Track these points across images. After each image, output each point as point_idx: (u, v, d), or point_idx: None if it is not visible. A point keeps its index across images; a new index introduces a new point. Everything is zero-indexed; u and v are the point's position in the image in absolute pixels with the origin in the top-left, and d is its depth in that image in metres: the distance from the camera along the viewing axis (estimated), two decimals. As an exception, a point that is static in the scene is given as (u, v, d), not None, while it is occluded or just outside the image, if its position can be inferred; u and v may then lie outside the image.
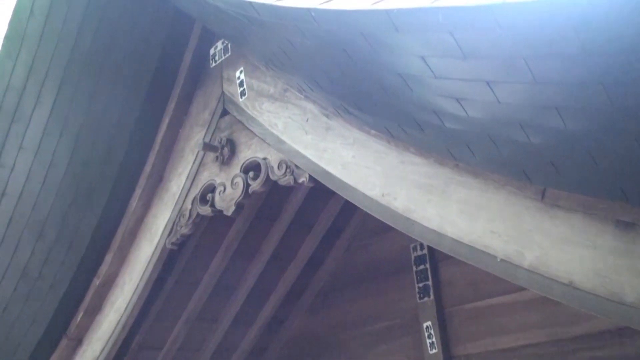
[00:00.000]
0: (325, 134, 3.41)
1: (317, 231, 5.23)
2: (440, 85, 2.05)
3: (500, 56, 1.78)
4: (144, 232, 4.73)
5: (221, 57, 4.31)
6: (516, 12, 1.58)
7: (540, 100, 1.84)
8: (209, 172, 4.21)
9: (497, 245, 2.56)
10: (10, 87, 4.44)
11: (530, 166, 2.32)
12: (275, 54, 3.02)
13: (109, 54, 4.42)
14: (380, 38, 2.00)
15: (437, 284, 4.63)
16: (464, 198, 2.71)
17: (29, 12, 4.28)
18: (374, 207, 3.08)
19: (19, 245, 4.81)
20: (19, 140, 4.55)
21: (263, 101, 3.86)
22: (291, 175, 3.62)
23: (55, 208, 4.70)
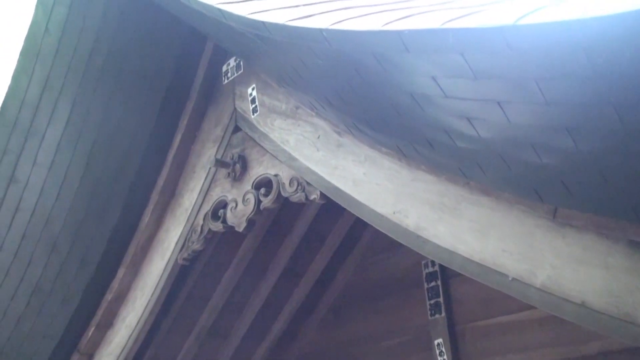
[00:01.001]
0: (336, 151, 3.42)
1: (328, 247, 5.23)
2: (451, 105, 2.06)
3: (511, 77, 1.78)
4: (156, 247, 4.75)
5: (233, 74, 4.35)
6: (527, 33, 1.59)
7: (551, 120, 1.84)
8: (221, 188, 4.23)
9: (509, 264, 2.55)
10: (25, 102, 4.48)
11: (541, 185, 2.32)
12: (287, 72, 3.03)
13: (122, 70, 4.46)
14: (391, 58, 2.01)
15: (448, 301, 4.61)
16: (476, 216, 2.71)
17: (44, 29, 4.33)
18: (385, 225, 3.08)
19: (32, 260, 4.84)
20: (33, 156, 4.58)
21: (275, 118, 3.88)
22: (302, 192, 3.63)
23: (68, 223, 4.73)
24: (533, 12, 1.59)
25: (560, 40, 1.55)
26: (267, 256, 5.13)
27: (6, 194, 4.66)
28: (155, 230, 4.78)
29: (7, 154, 4.56)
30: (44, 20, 4.30)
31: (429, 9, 2.06)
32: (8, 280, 4.90)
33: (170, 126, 4.70)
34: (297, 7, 2.50)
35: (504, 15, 1.65)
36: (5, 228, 4.74)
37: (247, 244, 4.93)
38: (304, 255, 5.19)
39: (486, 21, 1.67)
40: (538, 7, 1.62)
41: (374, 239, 5.24)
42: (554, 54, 1.59)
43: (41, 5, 4.28)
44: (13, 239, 4.77)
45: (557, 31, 1.53)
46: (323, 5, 2.43)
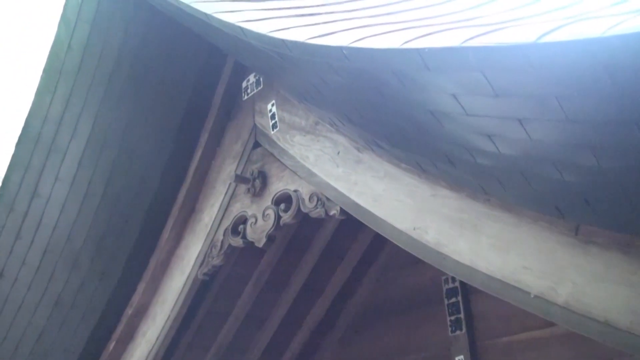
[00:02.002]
0: (356, 166, 3.42)
1: (348, 263, 5.22)
2: (472, 122, 2.05)
3: (532, 94, 1.78)
4: (176, 262, 4.77)
5: (253, 90, 4.37)
6: (548, 51, 1.58)
7: (573, 138, 1.83)
8: (241, 204, 4.24)
9: (530, 281, 2.53)
10: (47, 119, 4.53)
11: (563, 202, 2.30)
12: (307, 89, 3.05)
13: (143, 86, 4.50)
14: (411, 76, 2.02)
15: (469, 317, 4.58)
16: (496, 233, 2.69)
17: (66, 46, 4.38)
18: (405, 241, 3.07)
19: (54, 275, 4.89)
20: (56, 171, 4.63)
21: (294, 134, 3.90)
22: (322, 208, 3.63)
23: (90, 238, 4.77)
24: (554, 30, 1.59)
25: (581, 58, 1.55)
26: (286, 272, 5.13)
27: (29, 208, 4.71)
28: (175, 246, 4.80)
29: (30, 169, 4.62)
30: (67, 38, 4.36)
31: (449, 26, 2.06)
32: (30, 294, 4.95)
33: (190, 142, 4.74)
34: (317, 25, 2.52)
35: (525, 33, 1.65)
36: (27, 243, 4.79)
37: (266, 260, 4.94)
38: (323, 270, 5.19)
39: (507, 39, 1.67)
40: (559, 25, 1.62)
41: (394, 254, 5.22)
42: (575, 71, 1.59)
43: (64, 23, 4.34)
44: (35, 253, 4.82)
45: (579, 49, 1.53)
46: (343, 23, 2.45)
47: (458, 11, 2.37)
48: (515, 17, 2.01)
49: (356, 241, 5.13)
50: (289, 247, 4.94)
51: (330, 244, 4.99)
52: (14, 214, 4.70)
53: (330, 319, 5.51)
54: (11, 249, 4.81)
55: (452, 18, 2.25)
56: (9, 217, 4.72)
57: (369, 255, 5.28)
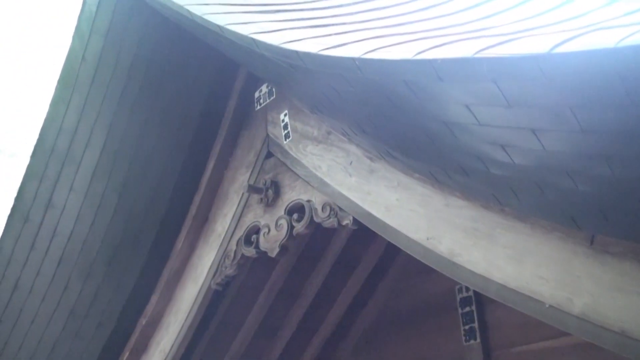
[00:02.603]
0: (369, 176, 3.42)
1: (361, 272, 5.21)
2: (485, 132, 2.05)
3: (545, 105, 1.77)
4: (189, 272, 4.78)
5: (266, 100, 4.38)
6: (561, 62, 1.58)
7: (588, 148, 1.83)
8: (254, 214, 4.25)
9: (545, 291, 2.52)
10: (62, 130, 4.56)
11: (578, 212, 2.29)
12: (320, 100, 3.05)
13: (156, 97, 4.53)
14: (424, 87, 2.02)
15: (483, 327, 4.55)
16: (511, 242, 2.68)
17: (80, 58, 4.42)
18: (419, 251, 3.06)
19: (68, 285, 4.91)
20: (70, 182, 4.66)
21: (307, 143, 3.90)
22: (335, 218, 3.63)
23: (104, 248, 4.80)
24: (567, 40, 1.59)
25: (595, 69, 1.54)
26: (299, 281, 5.13)
27: (44, 219, 4.75)
28: (188, 256, 4.81)
29: (44, 180, 4.65)
30: (81, 50, 4.39)
31: (461, 37, 2.06)
32: (45, 304, 4.97)
33: (203, 152, 4.75)
34: (329, 36, 2.52)
35: (538, 44, 1.65)
36: (42, 253, 4.82)
37: (279, 269, 4.94)
38: (336, 280, 5.18)
39: (520, 50, 1.67)
40: (572, 36, 1.62)
41: (407, 263, 5.20)
42: (589, 82, 1.58)
43: (78, 35, 4.38)
44: (50, 263, 4.85)
45: (592, 60, 1.53)
46: (355, 34, 2.45)
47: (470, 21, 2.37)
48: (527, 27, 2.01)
49: (369, 250, 5.12)
50: (302, 256, 4.94)
51: (343, 254, 4.98)
52: (29, 224, 4.74)
53: (344, 328, 5.50)
54: (26, 259, 4.84)
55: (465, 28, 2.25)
56: (24, 227, 4.75)
57: (382, 265, 5.27)
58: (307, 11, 3.08)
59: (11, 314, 5.00)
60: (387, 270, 5.36)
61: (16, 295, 4.94)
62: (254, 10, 3.19)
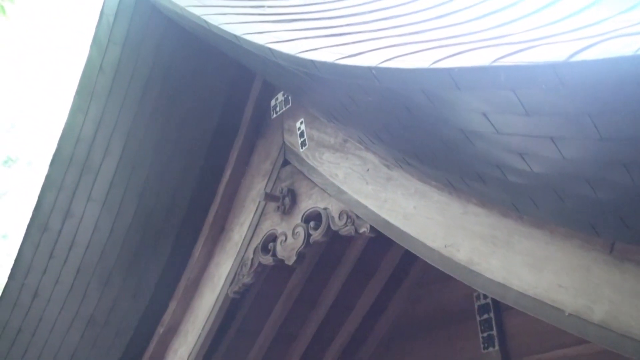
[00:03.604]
0: (386, 184, 3.42)
1: (378, 279, 5.20)
2: (503, 140, 2.04)
3: (564, 113, 1.76)
4: (206, 280, 4.79)
5: (282, 108, 4.40)
6: (579, 70, 1.57)
7: (607, 156, 1.82)
8: (271, 222, 4.26)
9: (565, 299, 2.50)
10: (80, 139, 4.60)
11: (597, 220, 2.27)
12: (336, 108, 3.06)
13: (173, 106, 4.56)
14: (441, 95, 2.01)
15: (501, 334, 4.52)
16: (529, 250, 2.66)
17: (98, 68, 4.45)
18: (436, 259, 3.05)
19: (87, 293, 4.94)
20: (88, 191, 4.69)
21: (323, 151, 3.91)
22: (352, 226, 3.62)
23: (122, 257, 4.82)
24: (585, 48, 1.59)
25: (614, 76, 1.53)
26: (316, 289, 5.12)
27: (62, 228, 4.78)
28: (206, 264, 4.82)
29: (63, 189, 4.69)
30: (99, 60, 4.43)
31: (478, 45, 2.06)
32: (64, 313, 5.01)
33: (220, 160, 4.77)
34: (345, 45, 2.53)
35: (556, 52, 1.64)
36: (61, 262, 4.85)
37: (296, 277, 4.94)
38: (353, 287, 5.17)
39: (538, 58, 1.66)
40: (590, 44, 1.61)
41: (425, 270, 5.19)
42: (608, 90, 1.58)
43: (96, 45, 4.42)
44: (68, 272, 4.88)
45: (611, 67, 1.52)
46: (371, 43, 2.46)
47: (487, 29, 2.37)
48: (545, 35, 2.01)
49: (386, 258, 5.11)
50: (319, 264, 4.94)
51: (360, 261, 4.97)
52: (48, 233, 4.78)
53: (361, 336, 5.49)
54: (45, 268, 4.88)
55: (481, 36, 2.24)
56: (43, 236, 4.79)
57: (399, 272, 5.26)
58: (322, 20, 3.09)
59: (30, 322, 5.04)
60: (405, 277, 5.35)
61: (35, 304, 4.98)
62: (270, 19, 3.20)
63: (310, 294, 5.11)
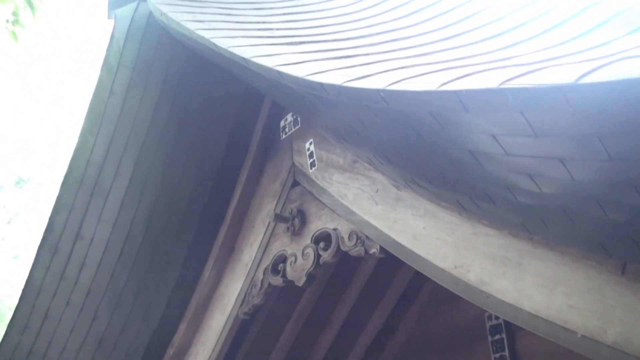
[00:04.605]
0: (395, 204, 3.41)
1: (388, 299, 5.18)
2: (512, 162, 2.04)
3: (573, 135, 1.76)
4: (216, 301, 4.79)
5: (291, 129, 4.41)
6: (587, 92, 1.57)
7: (617, 177, 1.80)
8: (280, 243, 4.26)
9: (577, 321, 2.47)
10: (90, 162, 4.63)
11: (608, 241, 2.26)
12: (345, 129, 3.06)
13: (183, 128, 4.59)
14: (449, 117, 2.01)
15: (514, 355, 4.48)
16: (540, 271, 2.65)
17: (108, 91, 4.49)
18: (447, 279, 3.04)
19: (97, 315, 4.94)
20: (98, 213, 4.71)
21: (333, 172, 3.91)
22: (362, 246, 3.62)
23: (132, 279, 4.83)
24: (593, 70, 1.58)
25: (622, 99, 1.53)
26: (327, 309, 5.11)
27: (73, 250, 4.80)
28: (215, 285, 4.82)
29: (73, 211, 4.71)
30: (109, 83, 4.47)
31: (486, 67, 2.06)
32: (74, 334, 5.01)
33: (229, 181, 4.79)
34: (353, 67, 2.54)
35: (564, 74, 1.64)
36: (71, 284, 4.86)
37: (306, 298, 4.93)
38: (364, 308, 5.15)
39: (546, 80, 1.66)
40: (598, 66, 1.61)
41: (435, 290, 5.16)
42: (616, 112, 1.57)
43: (106, 68, 4.46)
44: (79, 294, 4.89)
45: (619, 90, 1.51)
46: (379, 65, 2.46)
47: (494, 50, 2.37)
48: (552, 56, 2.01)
49: (396, 278, 5.09)
50: (329, 284, 4.93)
51: (370, 282, 4.96)
52: (59, 255, 4.79)
53: (372, 356, 5.45)
54: (56, 289, 4.89)
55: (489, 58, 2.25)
56: (54, 258, 4.81)
57: (409, 292, 5.23)
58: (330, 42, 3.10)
59: (41, 344, 5.04)
60: (415, 297, 5.32)
61: (46, 326, 4.99)
62: (279, 42, 3.22)
63: (320, 314, 5.09)
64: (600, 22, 2.23)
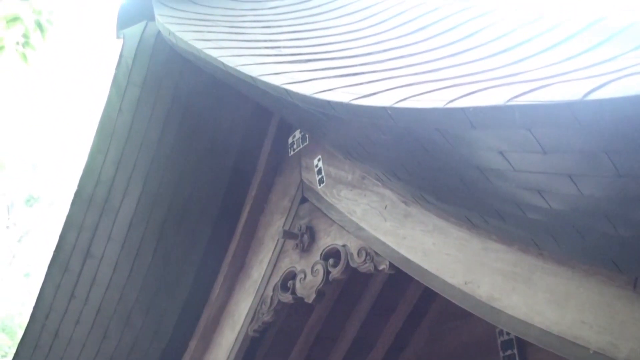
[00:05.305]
0: (404, 220, 3.41)
1: (399, 315, 5.16)
2: (521, 178, 2.03)
3: (581, 151, 1.76)
4: (226, 319, 4.78)
5: (299, 145, 4.42)
6: (595, 108, 1.57)
7: (626, 192, 1.80)
8: (290, 259, 4.25)
9: (589, 336, 2.46)
10: (100, 180, 4.65)
11: (619, 256, 2.24)
12: (353, 146, 3.07)
13: (192, 146, 4.61)
14: (457, 134, 2.02)
15: (526, 371, 4.45)
16: (551, 286, 2.63)
17: (117, 110, 4.52)
18: (457, 295, 3.02)
19: (107, 334, 4.95)
20: (108, 232, 4.73)
21: (341, 188, 3.91)
22: (371, 263, 3.61)
23: (141, 297, 4.83)
24: (600, 87, 1.59)
25: (630, 115, 1.53)
26: (337, 326, 5.09)
27: (82, 268, 4.81)
28: (225, 302, 4.82)
29: (83, 230, 4.73)
30: (118, 101, 4.50)
31: (493, 83, 2.06)
32: (84, 353, 5.01)
33: (238, 198, 4.80)
34: (360, 84, 2.54)
35: (571, 91, 1.64)
36: (81, 302, 4.87)
37: (316, 314, 4.91)
38: (374, 324, 5.13)
39: (553, 97, 1.66)
40: (605, 82, 1.61)
41: (446, 306, 5.13)
42: (624, 127, 1.57)
43: (115, 87, 4.49)
44: (89, 313, 4.89)
45: (626, 106, 1.51)
46: (386, 82, 2.47)
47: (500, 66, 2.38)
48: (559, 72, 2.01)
49: (406, 294, 5.07)
50: (339, 301, 4.91)
51: (380, 298, 4.94)
52: (69, 274, 4.80)
53: (383, 373, 5.43)
54: (66, 308, 4.90)
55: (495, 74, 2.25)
56: (64, 277, 4.82)
57: (420, 308, 5.21)
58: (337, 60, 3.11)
59: (51, 363, 5.05)
60: (426, 313, 5.30)
61: (56, 344, 4.99)
62: (286, 60, 3.23)
63: (330, 331, 5.08)
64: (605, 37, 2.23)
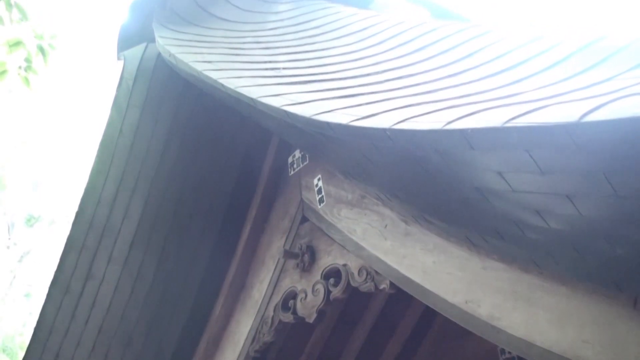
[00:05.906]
0: (404, 239, 3.41)
1: (400, 335, 5.15)
2: (519, 198, 2.05)
3: (579, 171, 1.77)
4: (227, 339, 4.77)
5: (299, 165, 4.44)
6: (592, 130, 1.59)
7: (624, 212, 1.81)
8: (290, 279, 4.25)
9: (590, 356, 2.45)
10: (101, 201, 4.67)
11: (618, 275, 2.25)
12: (352, 167, 3.09)
13: (192, 166, 4.62)
14: (455, 155, 2.03)
15: (528, 389, 4.42)
16: (552, 305, 2.63)
17: (118, 131, 4.55)
18: (457, 314, 3.03)
19: (108, 355, 4.93)
20: (109, 252, 4.74)
21: (341, 208, 3.92)
22: (372, 282, 3.61)
23: (142, 317, 4.83)
24: (597, 108, 1.60)
25: (626, 136, 1.55)
26: (338, 345, 5.07)
27: (83, 290, 4.81)
28: (226, 323, 4.81)
29: (84, 250, 4.73)
30: (119, 123, 4.53)
31: (491, 104, 2.08)
32: (85, 376, 4.99)
33: (239, 218, 4.80)
34: (359, 106, 2.56)
35: (568, 112, 1.66)
36: (82, 323, 4.86)
37: (317, 334, 4.90)
38: (375, 343, 5.11)
39: (550, 118, 1.68)
40: (602, 103, 1.63)
41: (447, 324, 5.11)
42: (621, 149, 1.59)
43: (116, 108, 4.52)
44: (90, 334, 4.89)
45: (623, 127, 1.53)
46: (385, 104, 2.49)
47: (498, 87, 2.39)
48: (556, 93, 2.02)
49: (407, 313, 5.06)
50: (340, 320, 4.90)
51: (381, 317, 4.93)
52: (70, 295, 4.80)
53: (385, 392, 5.40)
54: (67, 329, 4.89)
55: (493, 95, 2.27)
56: (65, 298, 4.82)
57: (421, 327, 5.20)
58: (336, 81, 3.13)
59: (52, 385, 5.03)
60: (427, 332, 5.29)
61: (57, 367, 4.98)
62: (285, 81, 3.26)
63: (332, 351, 5.06)
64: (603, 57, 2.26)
